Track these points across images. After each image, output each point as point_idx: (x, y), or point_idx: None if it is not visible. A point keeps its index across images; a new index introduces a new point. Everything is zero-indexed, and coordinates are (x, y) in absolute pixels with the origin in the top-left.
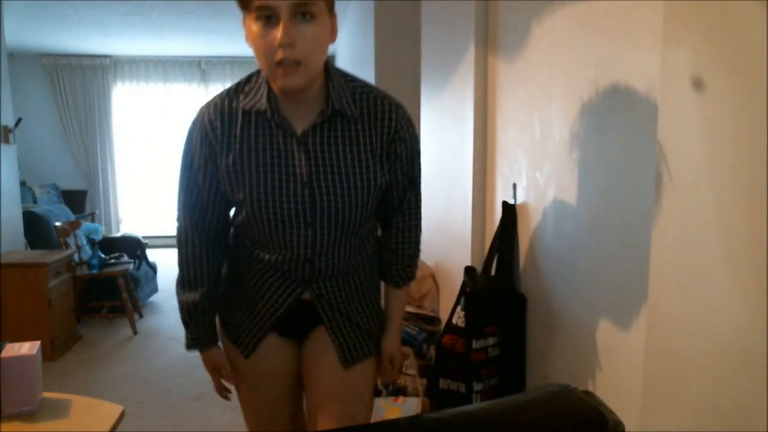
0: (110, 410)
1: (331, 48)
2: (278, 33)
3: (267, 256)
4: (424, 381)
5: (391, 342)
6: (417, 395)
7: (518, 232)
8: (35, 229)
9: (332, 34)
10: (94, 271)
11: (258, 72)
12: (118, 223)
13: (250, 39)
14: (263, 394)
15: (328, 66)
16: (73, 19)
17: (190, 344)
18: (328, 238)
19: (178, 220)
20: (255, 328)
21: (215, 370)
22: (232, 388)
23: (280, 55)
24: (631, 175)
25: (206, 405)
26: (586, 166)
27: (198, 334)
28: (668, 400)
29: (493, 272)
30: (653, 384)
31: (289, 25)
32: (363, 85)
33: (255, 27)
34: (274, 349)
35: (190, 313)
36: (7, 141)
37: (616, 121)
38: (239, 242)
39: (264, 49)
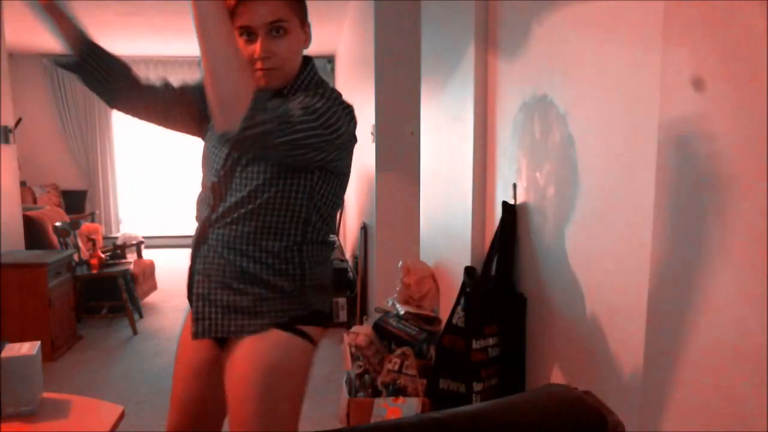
0: (110, 410)
1: (331, 48)
2: (257, 47)
3: None
4: (424, 381)
5: None
6: (417, 395)
7: (518, 232)
8: (31, 232)
9: (305, 42)
10: (94, 271)
11: None
12: (118, 223)
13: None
14: None
15: (305, 70)
16: None
17: None
18: None
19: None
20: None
21: None
22: None
23: (259, 65)
24: (631, 175)
25: None
26: (586, 166)
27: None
28: (668, 400)
29: (493, 272)
30: (653, 384)
31: (265, 41)
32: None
33: (240, 41)
34: None
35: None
36: (7, 141)
37: (616, 121)
38: None
39: (247, 59)
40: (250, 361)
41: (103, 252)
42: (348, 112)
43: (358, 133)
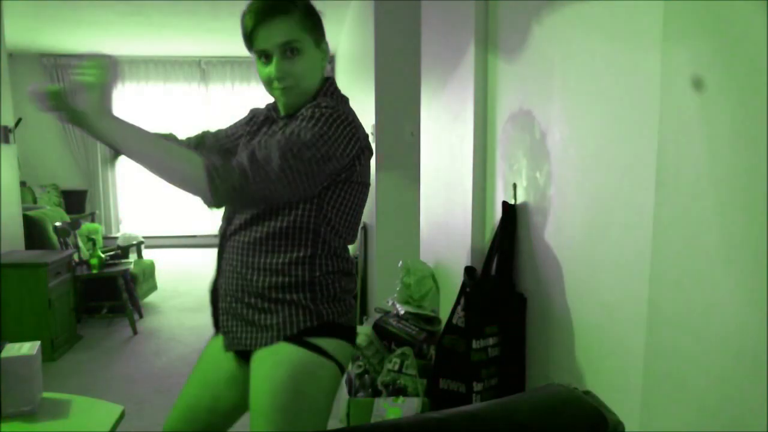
0: (110, 410)
1: (332, 48)
2: (272, 69)
3: None
4: (424, 381)
5: None
6: (417, 395)
7: (518, 232)
8: (31, 232)
9: (323, 60)
10: (94, 271)
11: None
12: (118, 223)
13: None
14: None
15: (324, 89)
16: (73, 19)
17: None
18: None
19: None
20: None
21: None
22: None
23: (275, 85)
24: (631, 175)
25: None
26: (586, 166)
27: None
28: (668, 400)
29: (493, 272)
30: (653, 384)
31: (280, 62)
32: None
33: (258, 64)
34: None
35: None
36: (7, 141)
37: (616, 121)
38: None
39: (265, 80)
40: (259, 377)
41: (104, 252)
42: (349, 130)
43: None
